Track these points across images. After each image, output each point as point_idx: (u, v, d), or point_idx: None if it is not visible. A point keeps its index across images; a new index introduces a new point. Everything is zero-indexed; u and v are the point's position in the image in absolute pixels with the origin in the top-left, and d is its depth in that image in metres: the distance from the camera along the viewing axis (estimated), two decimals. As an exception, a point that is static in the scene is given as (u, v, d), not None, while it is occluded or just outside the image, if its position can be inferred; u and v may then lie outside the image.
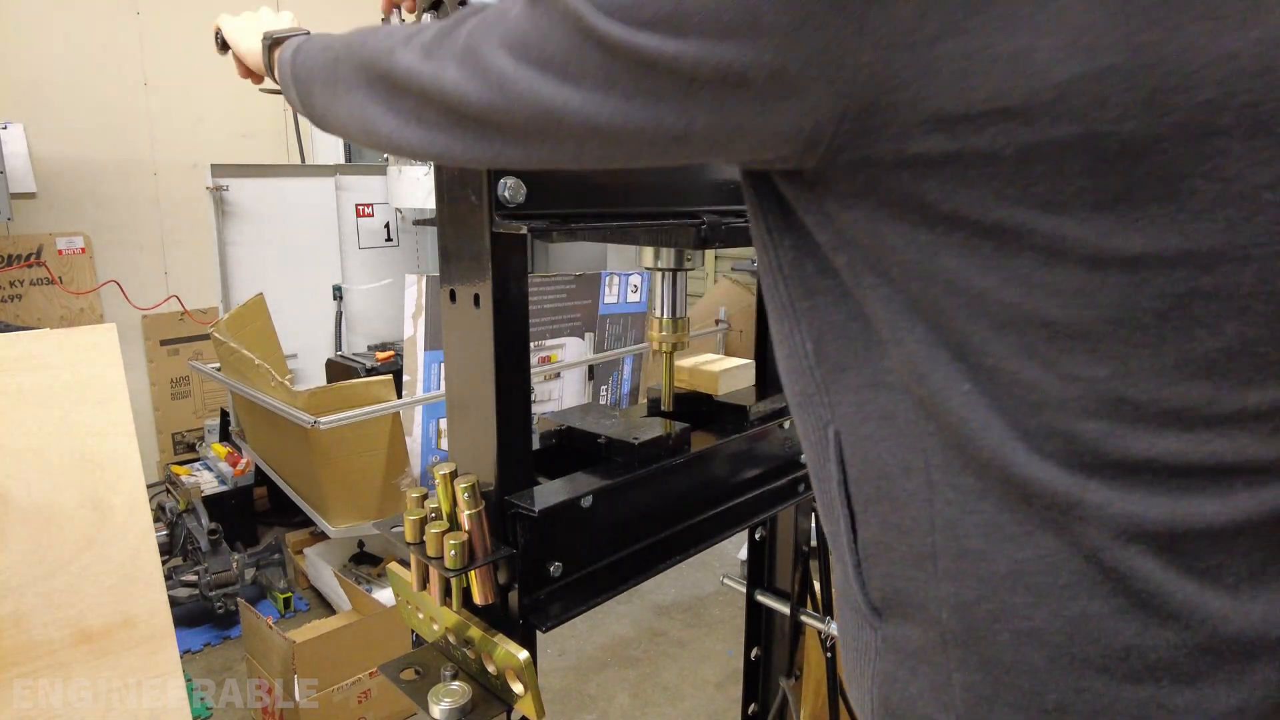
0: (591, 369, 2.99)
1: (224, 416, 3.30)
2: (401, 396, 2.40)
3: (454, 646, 0.81)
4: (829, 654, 1.29)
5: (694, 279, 4.27)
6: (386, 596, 2.22)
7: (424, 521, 0.75)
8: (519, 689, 0.74)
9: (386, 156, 3.11)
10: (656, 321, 0.96)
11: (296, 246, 3.24)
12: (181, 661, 1.01)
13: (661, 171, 0.86)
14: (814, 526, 1.22)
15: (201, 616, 2.49)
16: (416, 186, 3.09)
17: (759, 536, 1.31)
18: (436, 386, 2.56)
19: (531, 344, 0.91)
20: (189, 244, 3.65)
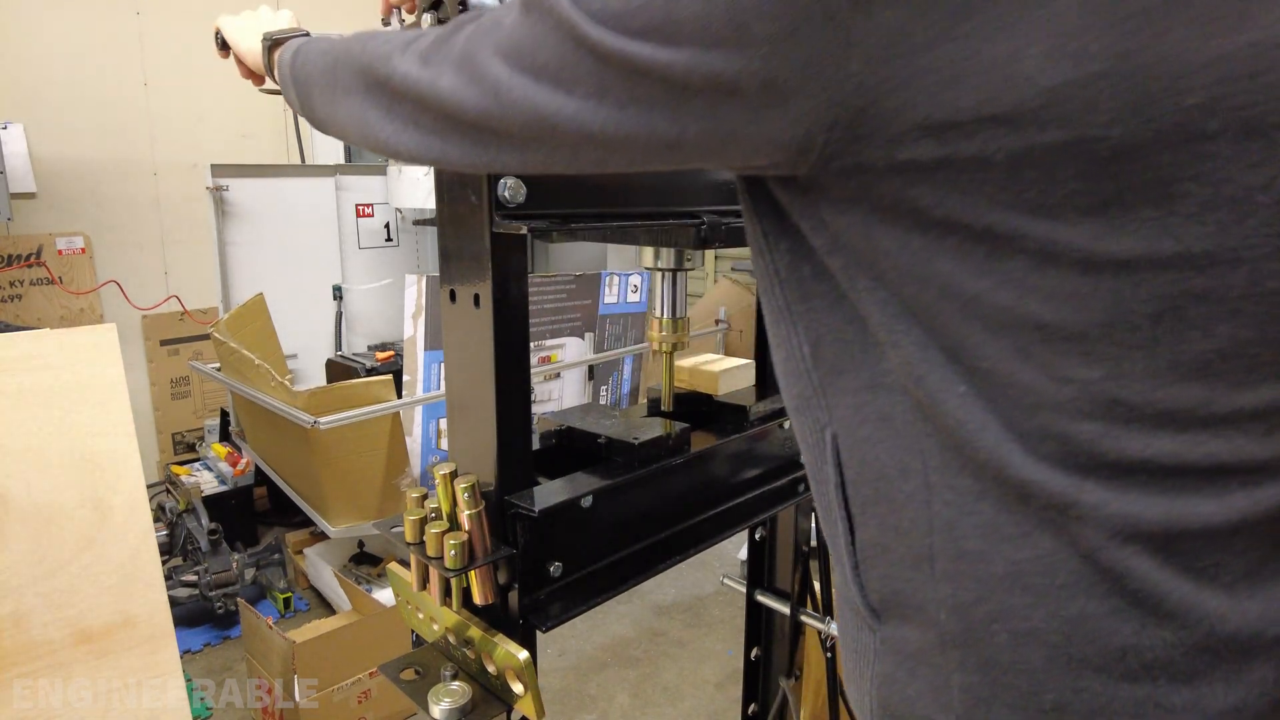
0: (591, 369, 2.99)
1: (224, 416, 3.30)
2: (401, 396, 2.40)
3: (454, 646, 0.81)
4: (829, 654, 1.29)
5: (694, 279, 4.27)
6: (386, 596, 2.22)
7: (424, 521, 0.75)
8: (519, 689, 0.74)
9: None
10: (656, 321, 0.96)
11: (296, 246, 3.24)
12: (181, 661, 1.01)
13: (661, 171, 0.86)
14: (814, 526, 1.22)
15: (201, 616, 2.49)
16: (416, 186, 3.09)
17: (759, 536, 1.31)
18: (436, 386, 2.56)
19: (531, 344, 0.91)
20: (189, 244, 3.65)
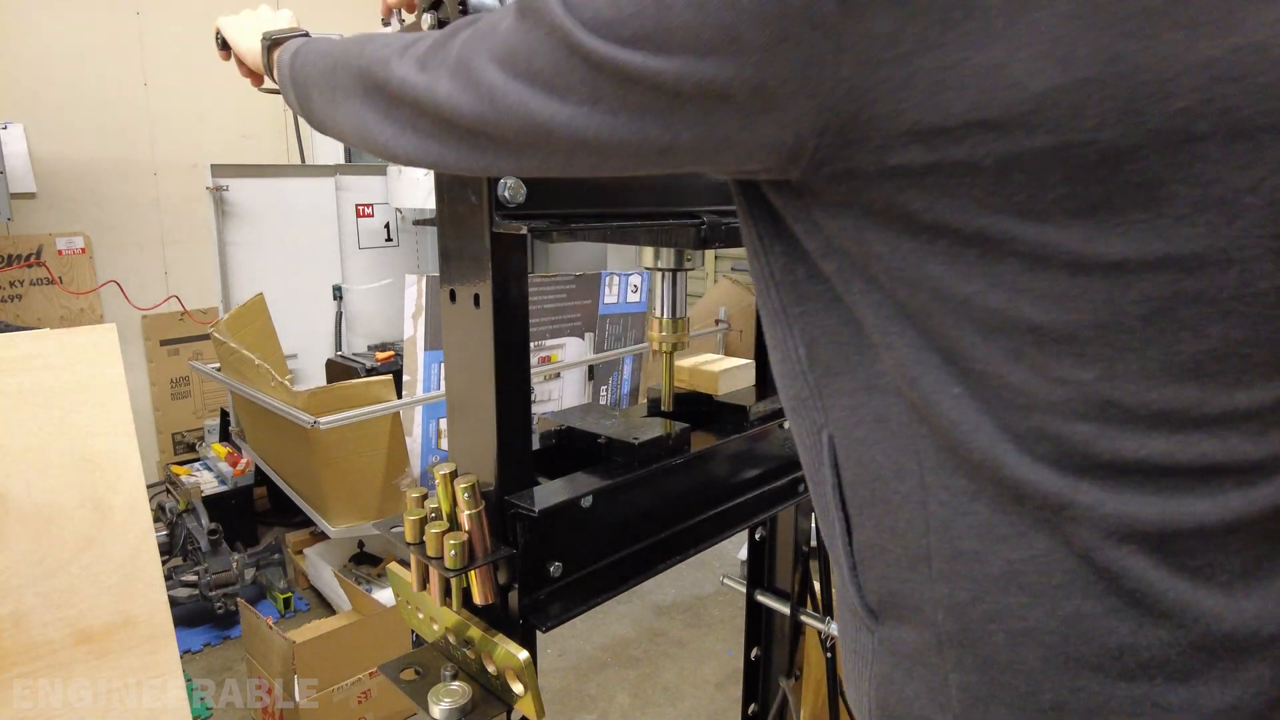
0: (591, 369, 2.99)
1: (224, 416, 3.30)
2: (401, 396, 2.40)
3: (454, 646, 0.81)
4: (829, 654, 1.29)
5: (694, 279, 4.27)
6: (386, 596, 2.22)
7: (424, 521, 0.75)
8: (519, 689, 0.74)
9: (386, 156, 3.11)
10: (656, 321, 0.96)
11: (296, 246, 3.24)
12: (181, 661, 1.01)
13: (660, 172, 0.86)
14: (814, 526, 1.22)
15: (201, 616, 2.49)
16: (416, 187, 3.09)
17: (759, 536, 1.31)
18: (436, 386, 2.56)
19: (531, 344, 0.91)
20: (189, 244, 3.65)
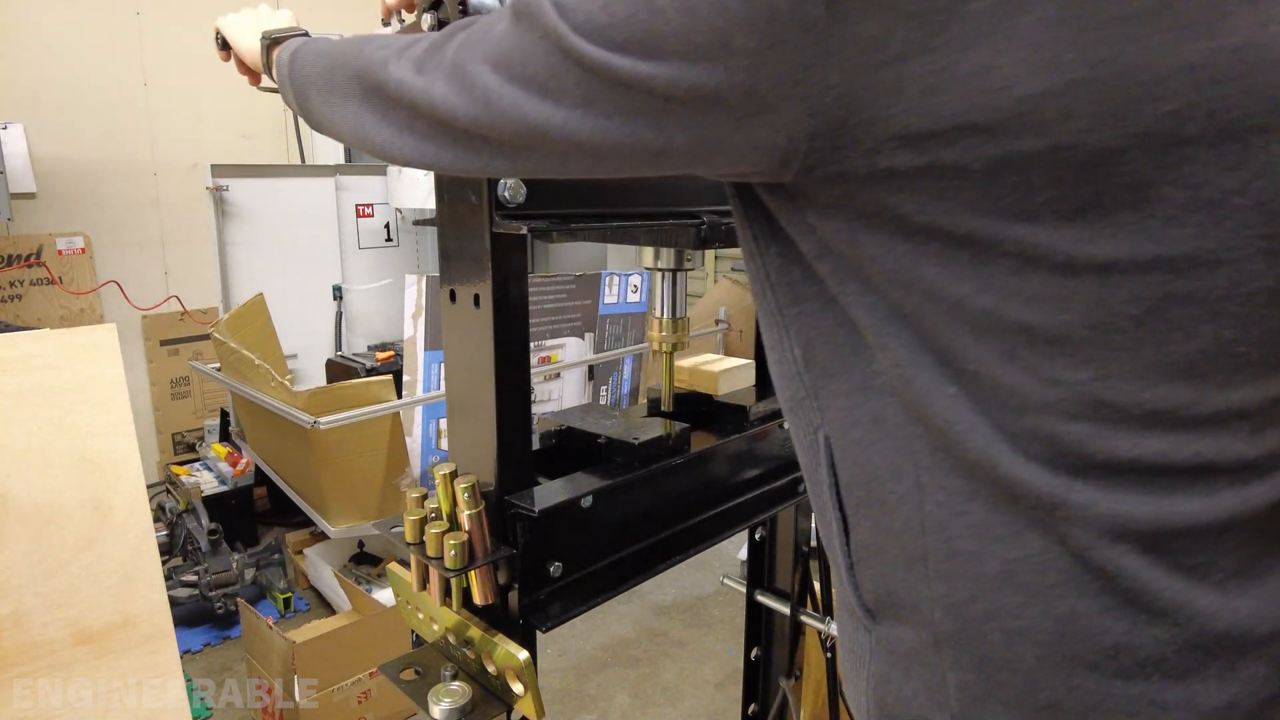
0: (591, 369, 2.99)
1: (224, 416, 3.30)
2: (401, 396, 2.40)
3: (454, 646, 0.81)
4: (829, 654, 1.29)
5: (694, 279, 4.27)
6: (386, 596, 2.22)
7: (424, 521, 0.75)
8: (519, 689, 0.74)
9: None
10: (656, 321, 0.96)
11: (296, 246, 3.24)
12: (181, 661, 1.01)
13: (660, 172, 0.86)
14: (814, 526, 1.22)
15: (201, 616, 2.49)
16: (416, 187, 3.09)
17: (759, 536, 1.31)
18: (436, 386, 2.56)
19: (531, 344, 0.91)
20: (189, 244, 3.65)
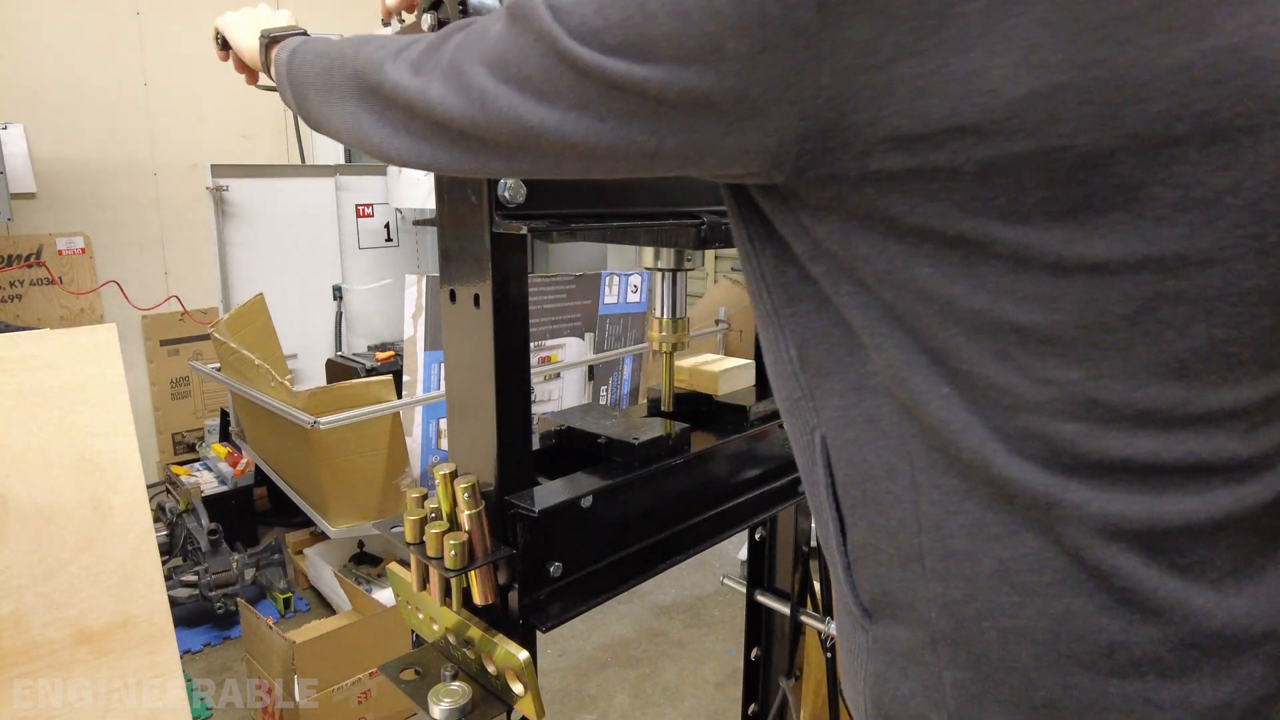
0: (591, 369, 2.99)
1: (224, 416, 3.30)
2: (401, 396, 2.40)
3: (454, 646, 0.81)
4: (829, 654, 1.29)
5: (694, 279, 4.27)
6: (386, 596, 2.22)
7: (424, 522, 0.75)
8: (519, 689, 0.74)
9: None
10: (656, 322, 0.96)
11: (296, 246, 3.24)
12: (181, 661, 1.01)
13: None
14: (814, 526, 1.22)
15: (201, 616, 2.49)
16: (416, 187, 3.09)
17: (759, 536, 1.31)
18: (436, 386, 2.56)
19: (531, 344, 0.91)
20: (189, 244, 3.65)
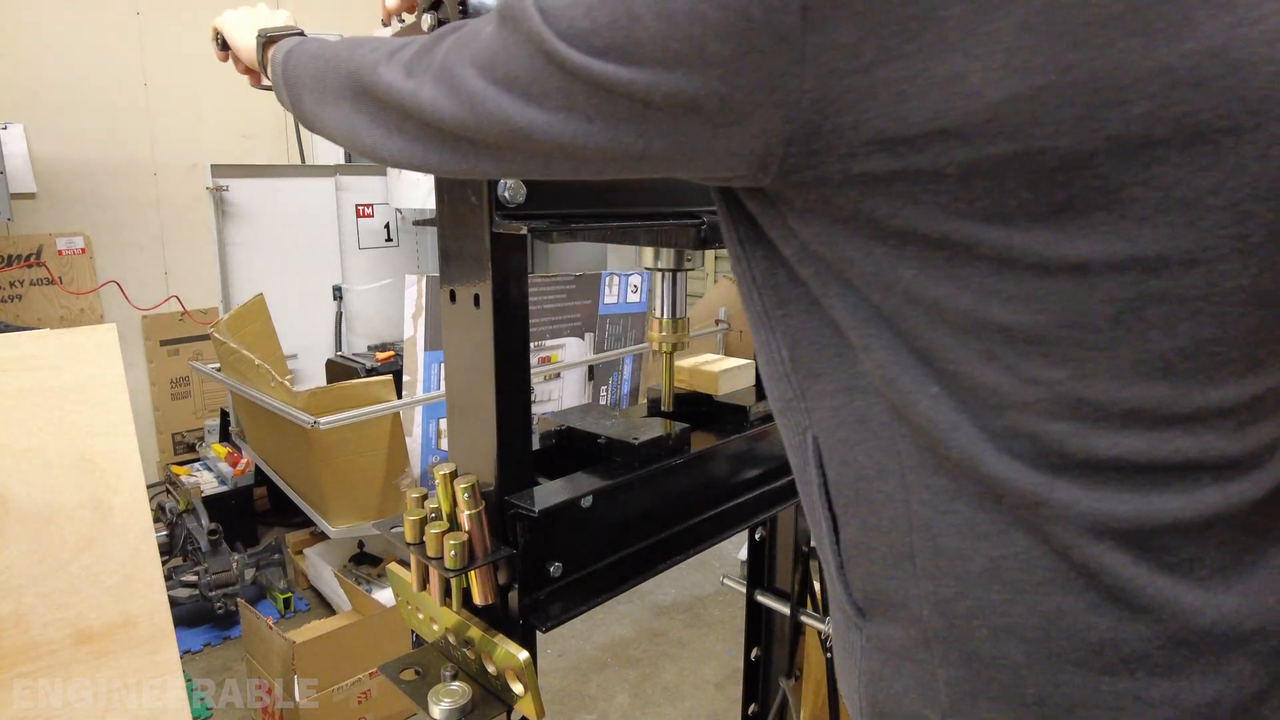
0: (591, 369, 2.99)
1: (224, 416, 3.30)
2: (401, 397, 2.40)
3: (454, 647, 0.81)
4: (829, 654, 1.29)
5: (694, 279, 4.27)
6: (386, 596, 2.22)
7: (424, 522, 0.75)
8: (519, 689, 0.74)
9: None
10: (656, 322, 0.96)
11: (296, 246, 3.24)
12: (181, 661, 1.01)
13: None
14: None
15: (201, 616, 2.49)
16: (416, 187, 3.09)
17: (759, 536, 1.31)
18: (436, 387, 2.56)
19: (531, 344, 0.91)
20: (189, 244, 3.65)
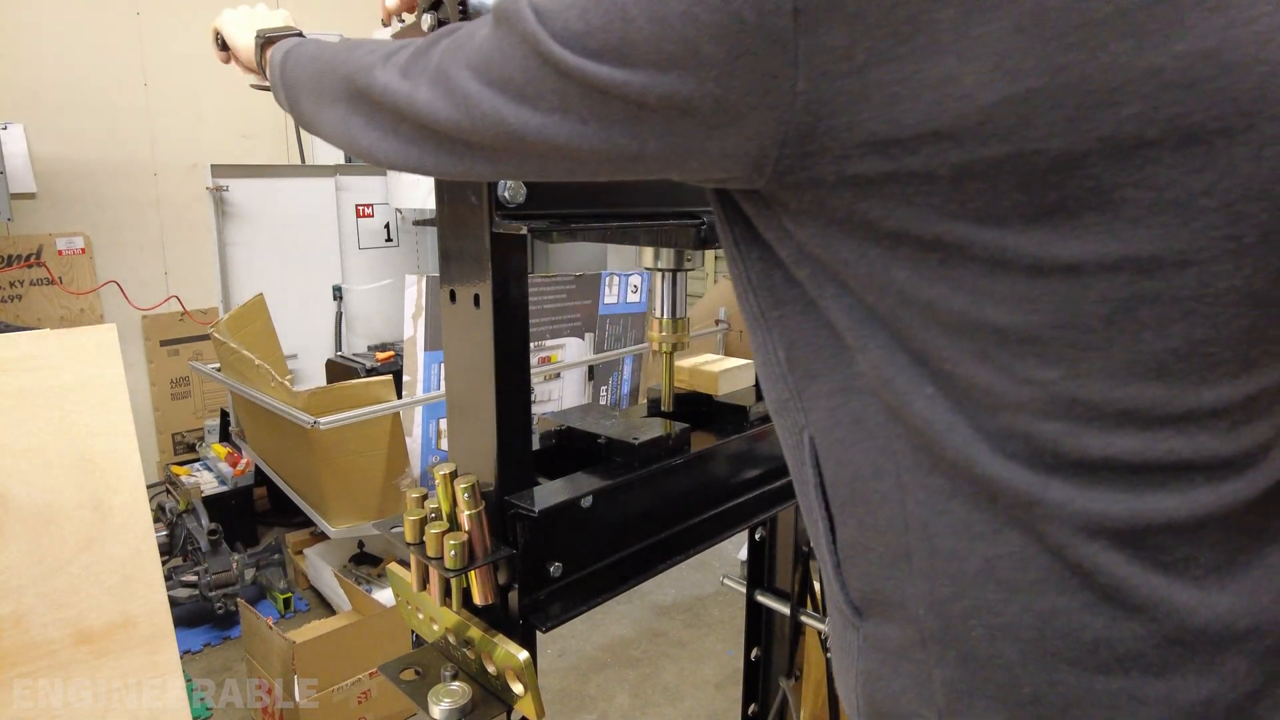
0: (591, 369, 2.99)
1: (224, 417, 3.30)
2: (401, 397, 2.40)
3: (454, 647, 0.81)
4: (829, 654, 1.29)
5: (694, 279, 4.27)
6: (386, 596, 2.22)
7: (424, 522, 0.75)
8: (519, 689, 0.74)
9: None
10: (656, 322, 0.96)
11: (296, 246, 3.24)
12: (181, 662, 1.01)
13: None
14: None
15: (201, 616, 2.49)
16: (416, 187, 3.10)
17: (759, 537, 1.31)
18: (436, 387, 2.56)
19: (531, 344, 0.91)
20: (189, 244, 3.65)
